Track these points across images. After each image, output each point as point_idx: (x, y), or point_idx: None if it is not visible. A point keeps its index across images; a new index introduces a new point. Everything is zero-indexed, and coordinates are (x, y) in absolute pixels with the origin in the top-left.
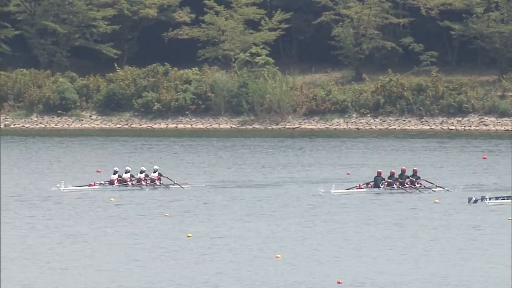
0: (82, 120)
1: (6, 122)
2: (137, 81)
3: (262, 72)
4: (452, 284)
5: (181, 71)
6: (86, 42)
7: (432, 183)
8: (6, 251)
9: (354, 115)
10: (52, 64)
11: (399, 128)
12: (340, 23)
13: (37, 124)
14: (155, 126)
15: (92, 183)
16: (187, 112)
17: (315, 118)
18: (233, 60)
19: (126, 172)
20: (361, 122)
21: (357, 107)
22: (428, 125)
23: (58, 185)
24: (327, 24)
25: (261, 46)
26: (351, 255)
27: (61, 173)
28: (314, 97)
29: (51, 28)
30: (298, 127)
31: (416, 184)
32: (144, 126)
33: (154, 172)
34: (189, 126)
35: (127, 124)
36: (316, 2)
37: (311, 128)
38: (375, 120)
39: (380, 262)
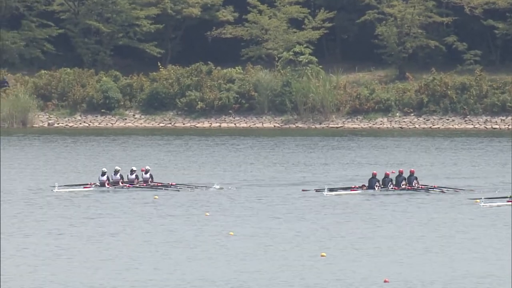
0: (125, 119)
1: (50, 121)
2: (180, 80)
3: (306, 71)
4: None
5: (225, 70)
6: (129, 41)
7: (428, 185)
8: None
9: (397, 114)
10: (96, 63)
11: (443, 127)
12: (384, 22)
13: (80, 123)
14: (198, 125)
15: (88, 184)
16: (230, 111)
17: (358, 117)
18: (277, 59)
19: (115, 173)
20: (404, 121)
21: (400, 106)
22: (472, 124)
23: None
24: (370, 23)
25: (305, 45)
26: (394, 254)
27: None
28: (358, 96)
29: (94, 27)
30: (341, 126)
31: (414, 185)
32: (188, 125)
33: (146, 173)
34: (232, 125)
35: (170, 123)
36: (360, 0)
37: (354, 127)
38: (418, 119)
39: (421, 261)
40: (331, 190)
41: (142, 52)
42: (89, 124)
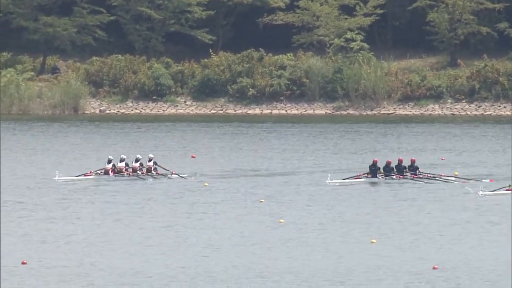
0: (177, 105)
1: (102, 108)
2: (232, 67)
3: (357, 57)
4: None
5: (276, 57)
6: (181, 27)
7: (431, 174)
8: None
9: (449, 100)
10: (147, 50)
11: (494, 113)
12: (435, 9)
13: (132, 110)
14: (249, 111)
15: (88, 173)
16: (281, 98)
17: (410, 103)
18: (328, 45)
19: (121, 161)
20: (456, 108)
21: (452, 93)
22: None
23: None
24: (422, 9)
25: (356, 32)
26: (441, 241)
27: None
28: (409, 82)
29: (146, 14)
30: (392, 112)
31: (417, 174)
32: (239, 111)
33: (149, 160)
34: (283, 111)
35: (221, 110)
36: None
37: (405, 114)
38: (470, 106)
39: (471, 247)
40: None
41: (193, 38)
42: (140, 111)
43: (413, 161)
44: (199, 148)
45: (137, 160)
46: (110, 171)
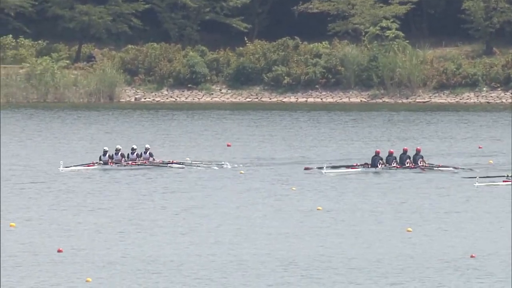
0: (212, 94)
1: (137, 96)
2: (267, 55)
3: (392, 45)
4: None
5: (311, 45)
6: (216, 16)
7: (432, 164)
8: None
9: (484, 89)
10: (183, 38)
11: None
12: None
13: (167, 98)
14: (285, 100)
15: (91, 163)
16: (317, 86)
17: (445, 92)
18: (363, 33)
19: (116, 152)
20: (491, 96)
21: (487, 81)
22: None
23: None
24: None
25: (391, 20)
26: (476, 229)
27: (188, 147)
28: (445, 70)
29: (181, 2)
30: (428, 101)
31: (419, 163)
32: (274, 100)
33: (146, 151)
34: (319, 100)
35: (257, 98)
36: None
37: (441, 102)
38: (505, 94)
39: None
40: (333, 167)
41: (228, 27)
42: (175, 99)
43: (418, 150)
44: (235, 136)
45: (133, 151)
46: (108, 162)
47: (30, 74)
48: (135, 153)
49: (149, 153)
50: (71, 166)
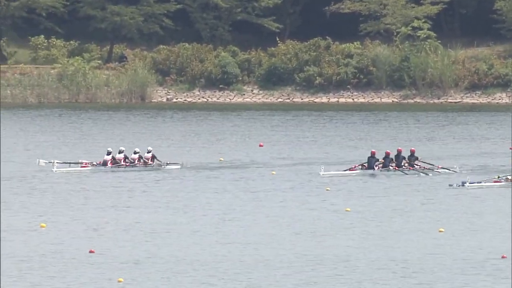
0: (243, 94)
1: (169, 96)
2: (298, 55)
3: (424, 46)
4: None
5: (343, 45)
6: (248, 16)
7: (432, 165)
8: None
9: None
10: (214, 38)
11: None
12: None
13: (199, 98)
14: (316, 100)
15: (84, 164)
16: (348, 86)
17: (477, 92)
18: (395, 34)
19: (119, 153)
20: None
21: None
22: None
23: (40, 161)
24: None
25: (423, 20)
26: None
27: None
28: (476, 71)
29: (213, 2)
30: (459, 101)
31: (415, 165)
32: (306, 100)
33: (148, 152)
34: (350, 100)
35: (288, 98)
36: None
37: (472, 102)
38: None
39: None
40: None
41: (260, 27)
42: (207, 99)
43: (412, 151)
44: (267, 137)
45: (135, 153)
46: (108, 163)
47: (62, 74)
48: (137, 155)
49: (152, 154)
50: (67, 163)
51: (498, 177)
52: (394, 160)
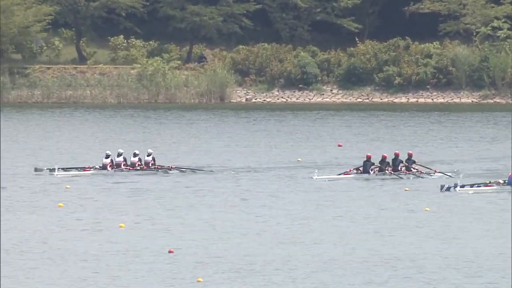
0: (323, 94)
1: (248, 96)
2: (378, 55)
3: (504, 46)
4: None
5: (422, 45)
6: (327, 16)
7: (430, 168)
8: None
9: None
10: (293, 39)
11: None
12: None
13: (278, 98)
14: (395, 100)
15: (87, 167)
16: (427, 86)
17: None
18: (474, 34)
19: (118, 156)
20: None
21: None
22: None
23: (41, 167)
24: None
25: (503, 20)
26: None
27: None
28: None
29: (292, 2)
30: None
31: (412, 169)
32: (385, 100)
33: (148, 155)
34: (429, 100)
35: (367, 98)
36: None
37: None
38: None
39: None
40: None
41: (339, 27)
42: (286, 99)
43: (410, 155)
44: (346, 137)
45: (135, 155)
46: (108, 166)
47: (141, 74)
48: (137, 157)
49: (152, 157)
50: (70, 169)
51: (490, 182)
52: (390, 164)
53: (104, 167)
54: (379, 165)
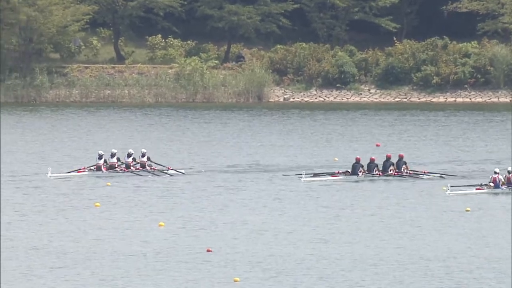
0: (360, 93)
1: (286, 96)
2: (416, 55)
3: None
4: None
5: (460, 45)
6: (365, 15)
7: (416, 171)
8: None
9: None
10: (331, 38)
11: None
12: None
13: (316, 98)
14: (433, 99)
15: (82, 168)
16: (466, 86)
17: None
18: None
19: (112, 156)
20: None
21: None
22: None
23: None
24: None
25: None
26: None
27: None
28: None
29: (330, 1)
30: None
31: (403, 169)
32: (423, 99)
33: (143, 156)
34: (467, 100)
35: (405, 98)
36: None
37: None
38: None
39: None
40: (314, 175)
41: (377, 26)
42: (324, 99)
43: (400, 157)
44: (384, 136)
45: (129, 155)
46: (102, 167)
47: (179, 74)
48: (130, 158)
49: (147, 157)
50: (70, 172)
51: (481, 184)
52: (379, 166)
53: (98, 168)
54: (365, 170)
